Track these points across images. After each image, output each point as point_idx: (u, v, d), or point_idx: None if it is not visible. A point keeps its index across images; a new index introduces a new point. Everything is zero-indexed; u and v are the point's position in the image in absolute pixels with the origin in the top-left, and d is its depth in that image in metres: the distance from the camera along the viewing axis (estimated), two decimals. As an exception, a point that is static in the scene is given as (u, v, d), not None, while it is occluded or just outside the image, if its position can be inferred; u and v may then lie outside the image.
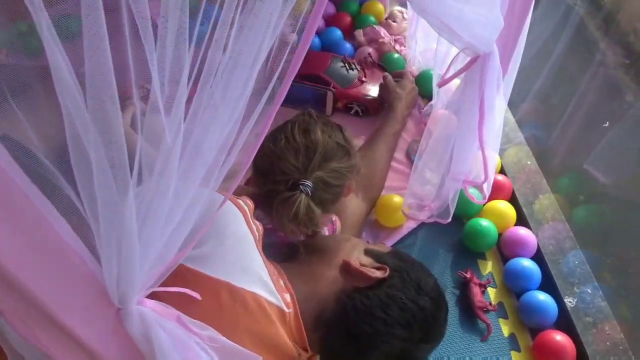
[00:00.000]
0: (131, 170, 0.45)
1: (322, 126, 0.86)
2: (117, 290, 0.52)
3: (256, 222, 0.77)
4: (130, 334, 0.57)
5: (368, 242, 0.92)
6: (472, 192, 1.12)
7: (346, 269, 0.80)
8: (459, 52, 0.82)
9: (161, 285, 0.62)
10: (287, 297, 0.77)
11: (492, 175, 1.05)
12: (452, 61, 0.88)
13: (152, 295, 0.61)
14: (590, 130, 1.13)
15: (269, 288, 0.73)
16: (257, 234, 0.75)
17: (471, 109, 0.88)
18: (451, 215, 1.07)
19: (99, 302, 0.53)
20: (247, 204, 0.78)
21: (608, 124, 0.98)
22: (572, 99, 1.18)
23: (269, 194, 0.81)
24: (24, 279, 0.45)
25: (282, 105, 1.55)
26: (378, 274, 0.80)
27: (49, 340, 0.53)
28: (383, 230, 1.16)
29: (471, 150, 0.95)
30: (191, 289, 0.65)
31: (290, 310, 0.76)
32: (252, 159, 0.55)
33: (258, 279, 0.72)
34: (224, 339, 0.67)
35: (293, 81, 1.57)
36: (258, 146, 0.54)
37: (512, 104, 1.31)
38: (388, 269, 0.80)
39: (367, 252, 0.84)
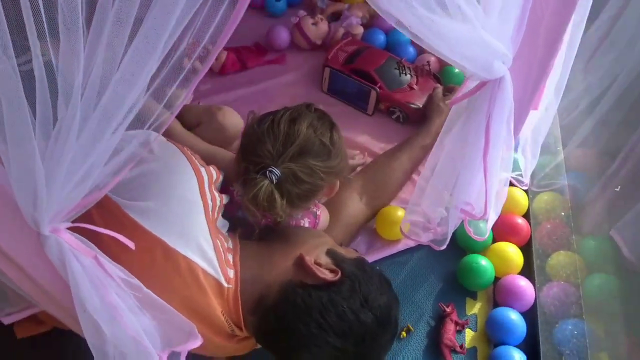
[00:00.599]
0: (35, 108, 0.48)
1: (314, 120, 0.84)
2: (32, 212, 0.56)
3: (215, 193, 0.79)
4: (50, 259, 0.62)
5: (341, 245, 0.90)
6: (480, 226, 1.04)
7: (299, 262, 0.80)
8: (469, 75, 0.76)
9: (99, 226, 0.65)
10: (231, 273, 0.78)
11: (496, 211, 0.97)
12: (464, 80, 0.82)
13: (88, 233, 0.65)
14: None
15: (208, 258, 0.74)
16: (211, 203, 0.77)
17: (476, 138, 0.82)
18: (446, 243, 1.01)
19: (19, 220, 0.58)
20: (209, 173, 0.79)
21: (619, 188, 0.85)
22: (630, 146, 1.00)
23: (243, 171, 0.82)
24: None
25: (327, 93, 1.50)
26: (328, 276, 0.78)
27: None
28: (379, 240, 1.12)
29: (474, 180, 0.88)
30: (128, 239, 0.68)
31: (231, 286, 0.77)
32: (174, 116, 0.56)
33: (196, 246, 0.73)
34: (148, 291, 0.69)
35: (341, 72, 1.52)
36: (180, 107, 0.55)
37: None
38: (340, 274, 0.78)
39: (329, 253, 0.83)
